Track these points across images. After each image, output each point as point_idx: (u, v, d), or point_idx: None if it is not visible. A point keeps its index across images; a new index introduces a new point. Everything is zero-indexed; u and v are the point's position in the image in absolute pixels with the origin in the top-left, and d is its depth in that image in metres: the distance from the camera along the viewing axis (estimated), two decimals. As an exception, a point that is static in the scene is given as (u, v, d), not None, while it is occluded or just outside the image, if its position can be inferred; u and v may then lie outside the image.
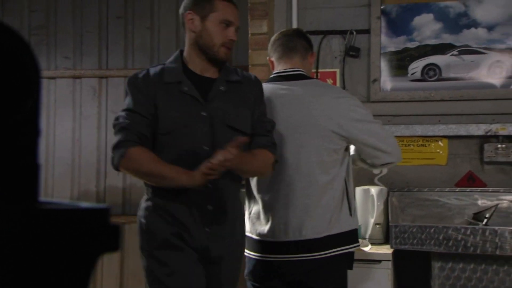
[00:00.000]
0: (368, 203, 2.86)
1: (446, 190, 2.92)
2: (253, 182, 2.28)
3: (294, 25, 3.18)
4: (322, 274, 2.18)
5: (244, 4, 3.34)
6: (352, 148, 2.32)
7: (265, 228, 2.22)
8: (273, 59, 2.37)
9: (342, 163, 2.23)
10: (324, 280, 2.18)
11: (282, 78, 2.31)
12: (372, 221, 2.82)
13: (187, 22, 2.05)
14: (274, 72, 2.36)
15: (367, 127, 2.23)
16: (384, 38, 3.10)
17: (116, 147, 1.93)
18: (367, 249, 2.60)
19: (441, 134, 3.02)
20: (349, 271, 2.37)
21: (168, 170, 1.89)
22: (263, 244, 2.23)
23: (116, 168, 1.94)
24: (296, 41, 2.34)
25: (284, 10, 3.20)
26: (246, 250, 2.30)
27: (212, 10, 2.02)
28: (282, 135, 2.20)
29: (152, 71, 2.04)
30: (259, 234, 2.23)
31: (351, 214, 2.23)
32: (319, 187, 2.18)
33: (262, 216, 2.23)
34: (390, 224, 2.56)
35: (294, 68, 2.31)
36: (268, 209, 2.22)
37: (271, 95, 2.26)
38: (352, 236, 2.23)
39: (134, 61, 3.76)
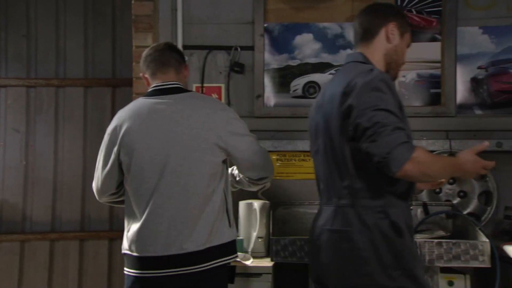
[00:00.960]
0: (251, 216, 2.89)
1: (325, 203, 3.03)
2: (132, 197, 2.24)
3: (179, 39, 3.17)
4: (204, 286, 2.18)
5: (128, 16, 3.28)
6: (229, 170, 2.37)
7: (145, 243, 2.18)
8: (147, 75, 2.36)
9: (222, 175, 2.25)
10: None
11: (159, 92, 2.29)
12: (254, 234, 2.86)
13: (388, 31, 2.04)
14: (151, 87, 2.34)
15: (244, 139, 2.27)
16: (267, 55, 3.18)
17: (399, 147, 1.78)
18: (249, 262, 2.63)
19: (321, 149, 3.13)
20: (230, 285, 2.38)
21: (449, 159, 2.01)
22: (142, 260, 2.18)
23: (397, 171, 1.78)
24: (169, 55, 2.34)
25: (169, 23, 3.19)
26: (125, 269, 2.25)
27: (406, 30, 2.07)
28: (162, 149, 2.18)
29: None
30: (138, 251, 2.19)
31: (230, 226, 2.25)
32: (200, 199, 2.18)
33: (142, 232, 2.19)
34: (271, 237, 2.61)
35: (171, 81, 2.31)
36: (148, 224, 2.18)
37: (149, 110, 2.24)
38: (232, 247, 2.26)
39: (8, 70, 3.56)
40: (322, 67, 3.17)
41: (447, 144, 3.05)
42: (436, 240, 2.46)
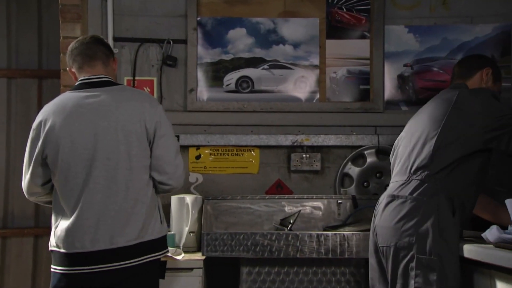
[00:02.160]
0: (183, 211, 2.88)
1: (257, 197, 3.06)
2: (60, 193, 2.18)
3: (110, 31, 3.10)
4: (134, 282, 2.15)
5: (56, 5, 3.17)
6: None
7: (73, 239, 2.13)
8: (73, 69, 2.31)
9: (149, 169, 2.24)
10: (136, 287, 2.16)
11: (87, 85, 2.25)
12: (186, 229, 2.85)
13: (483, 74, 2.46)
14: (79, 80, 2.28)
15: (167, 135, 2.25)
16: (200, 49, 3.16)
17: None
18: (180, 257, 2.61)
19: (253, 144, 3.16)
20: (160, 281, 2.36)
21: None
22: (70, 256, 2.13)
23: None
24: (95, 48, 2.30)
25: (98, 14, 3.10)
26: (52, 266, 2.19)
27: (499, 79, 2.51)
28: (89, 143, 2.14)
29: None
30: (66, 247, 2.13)
31: (161, 222, 2.25)
32: (130, 193, 2.15)
33: (70, 227, 2.14)
34: (202, 232, 2.60)
35: (99, 75, 2.26)
36: (76, 219, 2.13)
37: (76, 104, 2.19)
38: (163, 242, 2.26)
39: None
40: (255, 62, 3.18)
41: (376, 139, 3.14)
42: (362, 233, 2.53)
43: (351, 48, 3.18)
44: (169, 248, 2.68)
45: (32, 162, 2.22)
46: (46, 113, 2.22)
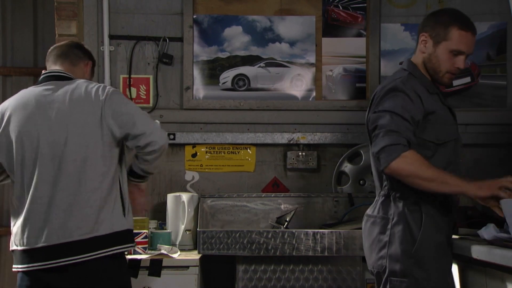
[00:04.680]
0: (179, 209, 2.88)
1: (253, 195, 3.06)
2: (16, 188, 2.16)
3: (106, 29, 3.10)
4: (97, 279, 2.10)
5: (51, 2, 3.17)
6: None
7: (28, 235, 2.10)
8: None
9: (111, 159, 2.17)
10: (97, 284, 2.10)
11: (45, 79, 2.25)
12: (182, 227, 2.85)
13: (420, 42, 2.20)
14: (42, 73, 2.29)
15: (124, 103, 2.20)
16: (196, 47, 3.16)
17: (390, 147, 2.00)
18: (176, 255, 2.61)
19: (250, 142, 3.16)
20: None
21: (450, 176, 1.99)
22: (27, 253, 2.10)
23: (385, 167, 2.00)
24: (69, 50, 2.33)
25: (94, 12, 3.10)
26: (13, 266, 2.16)
27: (445, 38, 2.13)
28: (43, 135, 2.13)
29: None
30: (23, 243, 2.11)
31: (124, 214, 2.18)
32: (85, 185, 2.11)
33: (25, 223, 2.11)
34: (198, 230, 2.60)
35: (60, 70, 2.28)
36: (30, 214, 2.11)
37: (34, 97, 2.19)
38: (125, 236, 2.18)
39: None
40: (251, 60, 3.18)
41: (371, 137, 3.14)
42: (358, 231, 2.53)
43: (347, 46, 3.18)
44: (165, 246, 2.69)
45: None
46: (4, 106, 2.23)
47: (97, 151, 2.14)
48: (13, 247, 2.16)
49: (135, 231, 2.67)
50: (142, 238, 2.64)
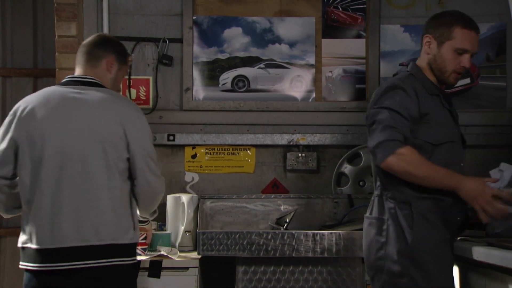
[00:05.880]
0: (179, 210, 2.87)
1: (253, 196, 3.06)
2: (31, 186, 2.13)
3: (105, 30, 3.10)
4: (100, 285, 2.11)
5: (51, 3, 3.17)
6: None
7: (43, 235, 2.10)
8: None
9: (126, 174, 2.18)
10: None
11: (73, 82, 2.24)
12: (182, 228, 2.85)
13: (424, 44, 2.22)
14: (67, 76, 2.29)
15: (147, 147, 2.21)
16: (196, 48, 3.16)
17: (387, 142, 2.02)
18: (175, 257, 2.61)
19: (249, 143, 3.16)
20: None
21: (444, 172, 2.02)
22: (41, 252, 2.10)
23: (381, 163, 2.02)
24: (89, 50, 2.30)
25: (94, 13, 3.10)
26: (21, 263, 2.15)
27: (449, 37, 2.16)
28: (66, 138, 2.12)
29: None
30: (37, 242, 2.10)
31: (134, 229, 2.19)
32: (102, 193, 2.11)
33: (40, 222, 2.11)
34: (198, 231, 2.60)
35: (81, 75, 2.27)
36: (46, 214, 2.10)
37: (61, 97, 2.18)
38: (133, 250, 2.20)
39: None
40: (251, 61, 3.18)
41: (371, 138, 3.14)
42: (358, 232, 2.53)
43: (347, 47, 3.18)
44: (165, 248, 2.69)
45: (4, 146, 2.17)
46: (27, 101, 2.20)
47: (111, 162, 2.13)
48: (23, 244, 2.13)
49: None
50: (141, 239, 2.64)
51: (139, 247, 2.61)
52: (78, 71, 2.29)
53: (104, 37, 2.42)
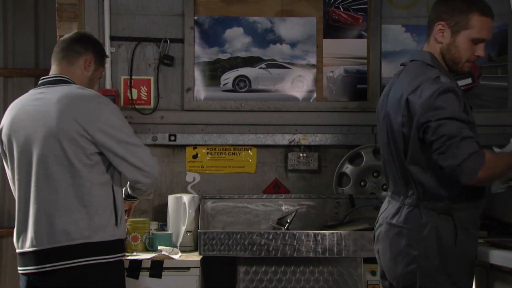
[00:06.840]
0: (180, 211, 2.88)
1: (254, 197, 3.07)
2: (13, 190, 2.21)
3: (107, 30, 3.10)
4: (82, 284, 2.09)
5: (52, 4, 3.17)
6: None
7: (23, 238, 2.14)
8: None
9: (99, 168, 2.14)
10: None
11: (43, 83, 2.26)
12: (183, 228, 2.85)
13: (435, 32, 2.03)
14: (41, 78, 2.30)
15: (115, 134, 2.13)
16: (197, 48, 3.16)
17: (470, 158, 1.83)
18: (177, 257, 2.61)
19: (251, 143, 3.16)
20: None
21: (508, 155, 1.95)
22: (22, 256, 2.15)
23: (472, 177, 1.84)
24: (68, 46, 2.29)
25: (95, 13, 3.10)
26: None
27: (466, 26, 1.99)
28: (31, 139, 2.13)
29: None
30: (19, 246, 2.16)
31: (116, 224, 2.16)
32: (72, 191, 2.10)
33: (19, 225, 2.17)
34: (199, 231, 2.60)
35: (54, 74, 2.27)
36: (23, 218, 2.14)
37: (28, 100, 2.21)
38: (115, 246, 2.16)
39: None
40: (252, 61, 3.18)
41: (373, 139, 3.14)
42: (359, 232, 2.53)
43: (348, 47, 3.18)
44: (166, 248, 2.69)
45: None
46: (9, 108, 2.28)
47: (78, 158, 2.11)
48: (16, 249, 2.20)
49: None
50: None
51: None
52: (52, 70, 2.28)
53: (85, 34, 2.40)
